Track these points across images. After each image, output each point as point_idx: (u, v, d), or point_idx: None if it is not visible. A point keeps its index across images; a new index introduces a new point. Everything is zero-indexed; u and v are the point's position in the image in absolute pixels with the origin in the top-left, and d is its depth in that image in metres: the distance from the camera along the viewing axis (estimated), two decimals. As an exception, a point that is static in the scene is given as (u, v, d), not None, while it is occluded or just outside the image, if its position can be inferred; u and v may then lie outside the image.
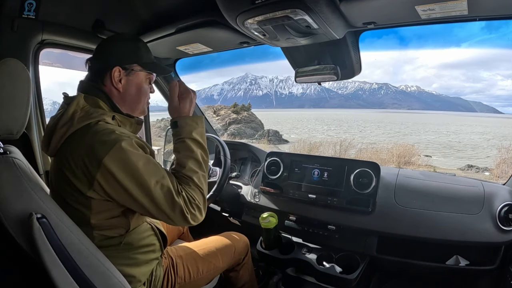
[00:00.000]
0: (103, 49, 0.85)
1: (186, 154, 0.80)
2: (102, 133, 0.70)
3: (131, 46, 0.85)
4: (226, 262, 1.12)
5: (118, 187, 0.69)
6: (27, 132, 1.13)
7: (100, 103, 0.79)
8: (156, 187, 0.70)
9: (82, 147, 0.69)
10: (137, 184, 0.69)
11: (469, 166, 11.04)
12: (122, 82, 0.82)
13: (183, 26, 1.14)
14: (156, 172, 0.72)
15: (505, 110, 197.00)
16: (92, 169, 0.68)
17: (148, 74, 0.87)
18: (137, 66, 0.84)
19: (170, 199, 0.71)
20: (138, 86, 0.85)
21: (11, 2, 1.02)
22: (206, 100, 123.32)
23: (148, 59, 0.87)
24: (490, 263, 1.06)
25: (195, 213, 0.75)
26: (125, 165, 0.68)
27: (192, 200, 0.75)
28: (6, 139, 0.72)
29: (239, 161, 1.71)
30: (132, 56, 0.84)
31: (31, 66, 1.15)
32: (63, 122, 0.73)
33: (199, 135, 0.84)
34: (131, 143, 0.71)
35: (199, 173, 0.80)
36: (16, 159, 0.68)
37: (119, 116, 0.80)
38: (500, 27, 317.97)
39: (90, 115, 0.74)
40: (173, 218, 0.73)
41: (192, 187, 0.77)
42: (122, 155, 0.68)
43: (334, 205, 1.23)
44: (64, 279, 0.62)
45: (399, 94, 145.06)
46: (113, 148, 0.68)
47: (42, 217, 0.61)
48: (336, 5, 0.83)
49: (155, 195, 0.70)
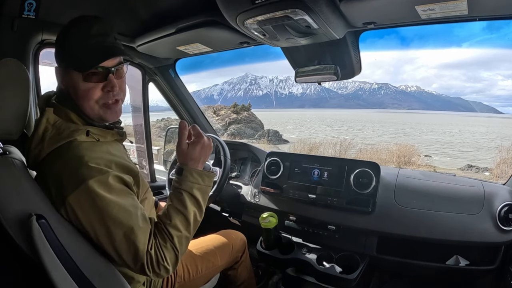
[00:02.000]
0: None
1: (177, 208, 0.70)
2: (71, 165, 0.62)
3: (61, 36, 0.69)
4: (225, 260, 1.12)
5: (82, 226, 0.63)
6: (27, 132, 1.13)
7: (71, 116, 0.69)
8: (122, 238, 0.62)
9: (50, 177, 0.64)
10: (101, 230, 0.62)
11: (469, 166, 11.04)
12: (64, 85, 0.70)
13: (183, 26, 1.14)
14: (125, 222, 0.63)
15: (505, 110, 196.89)
16: (58, 202, 0.63)
17: (81, 73, 0.67)
18: (62, 63, 0.69)
19: (134, 254, 0.63)
20: (74, 89, 0.68)
21: (11, 2, 1.02)
22: (206, 100, 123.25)
23: (78, 49, 0.66)
24: (490, 263, 1.06)
25: (159, 272, 0.65)
26: (91, 209, 0.61)
27: (161, 260, 0.65)
28: (6, 139, 0.72)
29: (239, 161, 1.71)
30: (59, 49, 0.69)
31: (31, 66, 1.15)
32: (35, 143, 0.66)
33: (201, 194, 0.74)
34: (104, 181, 0.62)
35: (182, 234, 0.69)
36: (16, 159, 0.68)
37: (95, 130, 0.69)
38: (501, 27, 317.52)
39: (61, 134, 0.65)
40: (133, 270, 0.66)
41: (168, 246, 0.67)
42: (88, 197, 0.61)
43: (334, 205, 1.23)
44: (64, 280, 0.62)
45: (399, 94, 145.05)
46: (78, 188, 0.60)
47: (42, 218, 0.61)
48: (336, 5, 0.83)
49: (118, 245, 0.63)
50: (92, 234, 0.64)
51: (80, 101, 0.69)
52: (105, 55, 0.68)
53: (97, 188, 0.61)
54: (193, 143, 0.76)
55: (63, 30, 0.69)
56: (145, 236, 0.65)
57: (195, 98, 1.87)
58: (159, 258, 0.65)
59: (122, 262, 0.65)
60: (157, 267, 0.65)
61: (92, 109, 0.70)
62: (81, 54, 0.66)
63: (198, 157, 0.76)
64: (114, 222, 0.62)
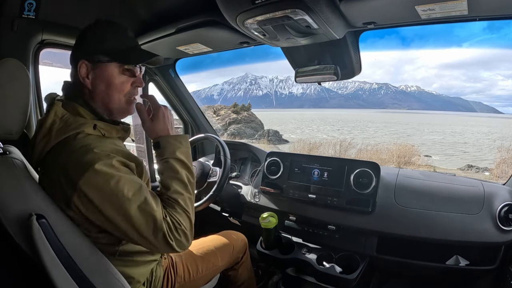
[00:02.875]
0: (75, 42, 0.75)
1: (170, 175, 0.73)
2: (79, 152, 0.64)
3: (95, 31, 0.73)
4: (225, 261, 1.12)
5: (96, 211, 0.63)
6: (27, 132, 1.13)
7: (80, 110, 0.71)
8: (137, 212, 0.64)
9: (59, 167, 0.65)
10: (116, 209, 0.63)
11: (469, 166, 11.04)
12: (90, 78, 0.72)
13: (183, 26, 1.14)
14: (137, 195, 0.65)
15: (505, 110, 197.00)
16: (68, 190, 0.63)
17: (121, 65, 0.73)
18: (103, 56, 0.72)
19: (153, 225, 0.64)
20: (109, 81, 0.72)
21: (11, 2, 1.02)
22: (206, 100, 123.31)
23: (119, 45, 0.74)
24: (490, 263, 1.06)
25: (180, 239, 0.68)
26: (102, 189, 0.62)
27: (178, 225, 0.68)
28: (6, 139, 0.72)
29: (239, 161, 1.71)
30: (95, 44, 0.72)
31: (31, 66, 1.15)
32: (41, 135, 0.68)
33: (184, 155, 0.76)
34: (110, 163, 0.64)
35: (184, 195, 0.72)
36: (16, 159, 0.68)
37: (102, 124, 0.72)
38: (502, 28, 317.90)
39: (68, 126, 0.68)
40: (156, 245, 0.66)
41: (178, 210, 0.70)
42: (99, 178, 0.62)
43: (334, 205, 1.23)
44: (64, 279, 0.62)
45: (399, 94, 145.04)
46: (87, 171, 0.61)
47: (42, 218, 0.61)
48: (336, 5, 0.83)
49: (136, 221, 0.64)
50: (107, 218, 0.64)
51: (111, 92, 0.73)
52: (145, 55, 0.79)
53: (105, 168, 0.63)
54: (154, 116, 0.78)
55: (96, 28, 0.74)
56: (157, 205, 0.67)
57: (195, 98, 1.87)
58: (175, 223, 0.68)
59: (143, 239, 0.65)
60: (176, 232, 0.67)
61: (119, 101, 0.75)
62: (125, 50, 0.74)
63: (165, 125, 0.78)
64: (127, 198, 0.63)
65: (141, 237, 0.65)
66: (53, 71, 1.42)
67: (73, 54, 0.75)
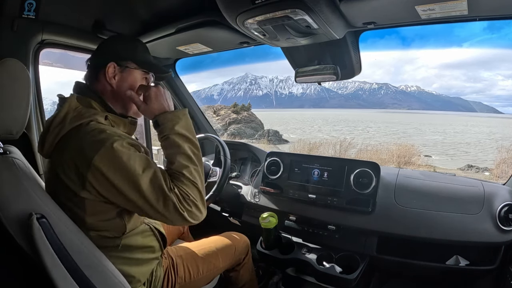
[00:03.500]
0: (101, 47, 0.85)
1: (173, 151, 0.76)
2: (92, 133, 0.69)
3: (128, 44, 0.86)
4: (227, 262, 1.12)
5: (110, 186, 0.67)
6: (27, 132, 1.13)
7: (93, 103, 0.78)
8: (147, 184, 0.68)
9: (73, 148, 0.69)
10: (128, 182, 0.67)
11: (469, 166, 11.04)
12: (116, 79, 0.81)
13: (183, 26, 1.14)
14: (147, 170, 0.69)
15: (505, 110, 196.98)
16: (83, 169, 0.67)
17: (144, 73, 0.86)
18: (132, 64, 0.83)
19: (162, 196, 0.69)
20: (132, 84, 0.83)
21: (11, 2, 1.02)
22: (206, 100, 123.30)
23: (145, 59, 0.86)
24: (490, 263, 1.06)
25: (191, 210, 0.71)
26: (115, 164, 0.67)
27: (186, 195, 0.71)
28: (6, 139, 0.73)
29: (239, 161, 1.71)
30: (128, 53, 0.83)
31: (31, 66, 1.15)
32: (56, 123, 0.73)
33: (184, 129, 0.79)
34: (121, 143, 0.69)
35: (190, 167, 0.75)
36: (16, 159, 0.68)
37: (112, 116, 0.79)
38: (502, 28, 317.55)
39: (82, 115, 0.73)
40: (169, 217, 0.70)
41: (185, 182, 0.73)
42: (112, 154, 0.67)
43: (334, 205, 1.23)
44: (64, 279, 0.62)
45: (399, 94, 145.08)
46: (102, 148, 0.67)
47: (42, 217, 0.61)
48: (336, 5, 0.83)
49: (147, 193, 0.68)
50: (121, 192, 0.68)
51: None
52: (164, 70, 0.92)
53: (118, 146, 0.68)
54: (147, 98, 0.80)
55: (129, 41, 0.89)
56: (165, 177, 0.71)
57: (195, 98, 1.87)
58: (183, 194, 0.71)
59: (156, 212, 0.69)
60: (186, 203, 0.71)
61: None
62: (149, 63, 0.87)
63: (160, 103, 0.80)
64: (138, 172, 0.68)
65: (153, 209, 0.69)
66: (53, 71, 1.42)
67: (97, 57, 0.84)
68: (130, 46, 0.85)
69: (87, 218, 0.71)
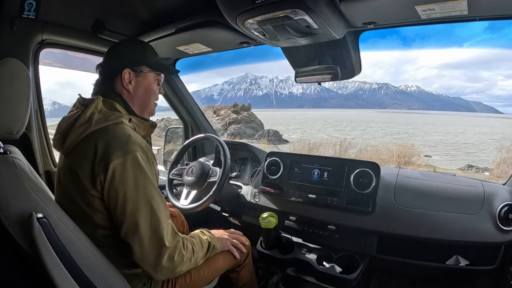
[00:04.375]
0: (113, 54, 0.89)
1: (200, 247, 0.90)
2: (119, 138, 0.74)
3: (139, 49, 0.90)
4: (227, 263, 1.12)
5: (114, 192, 0.71)
6: (27, 132, 1.13)
7: (117, 106, 0.82)
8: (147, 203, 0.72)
9: (98, 147, 0.72)
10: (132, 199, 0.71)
11: (469, 166, 11.04)
12: (132, 84, 0.86)
13: (183, 26, 1.14)
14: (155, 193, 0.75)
15: (505, 110, 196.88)
16: (98, 169, 0.70)
17: (157, 75, 0.91)
18: (146, 68, 0.88)
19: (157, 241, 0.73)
20: (147, 87, 0.89)
21: (11, 2, 1.02)
22: (206, 100, 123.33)
23: (155, 61, 0.91)
24: (490, 263, 1.06)
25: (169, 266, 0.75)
26: (131, 174, 0.71)
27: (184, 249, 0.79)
28: (6, 139, 0.72)
29: (239, 161, 1.70)
30: (140, 58, 0.88)
31: (31, 66, 1.15)
32: (80, 122, 0.76)
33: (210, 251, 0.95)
34: (145, 157, 0.75)
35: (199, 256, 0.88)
36: (16, 159, 0.68)
37: (135, 119, 0.84)
38: (503, 28, 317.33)
39: (108, 117, 0.77)
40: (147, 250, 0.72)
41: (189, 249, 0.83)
42: (132, 165, 0.71)
43: (334, 205, 1.23)
44: (64, 279, 0.62)
45: (399, 94, 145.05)
46: (126, 156, 0.71)
47: (42, 217, 0.61)
48: (336, 5, 0.83)
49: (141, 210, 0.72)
50: (119, 203, 0.71)
51: (149, 96, 0.90)
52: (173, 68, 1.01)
53: (141, 160, 0.73)
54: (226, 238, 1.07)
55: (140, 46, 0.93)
56: (165, 214, 0.76)
57: (195, 98, 1.87)
58: (185, 246, 0.80)
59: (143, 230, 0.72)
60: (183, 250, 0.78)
61: (152, 105, 0.92)
62: (158, 64, 0.92)
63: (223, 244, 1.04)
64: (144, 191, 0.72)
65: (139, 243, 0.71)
66: (53, 71, 1.42)
67: (110, 64, 0.88)
68: (141, 50, 0.90)
69: (95, 216, 0.73)
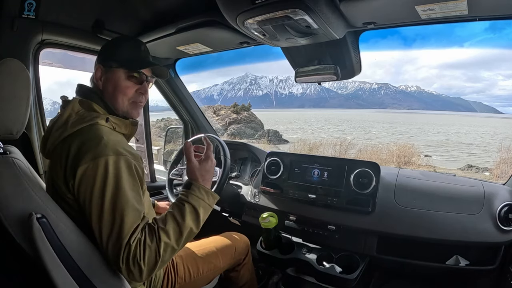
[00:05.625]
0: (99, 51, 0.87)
1: (175, 218, 0.72)
2: (91, 141, 0.69)
3: (113, 44, 0.86)
4: (227, 262, 1.12)
5: (83, 198, 0.67)
6: (27, 132, 1.13)
7: (94, 106, 0.79)
8: (109, 219, 0.65)
9: (70, 151, 0.69)
10: (96, 204, 0.66)
11: (469, 166, 11.04)
12: (102, 80, 0.83)
13: (183, 26, 1.14)
14: (119, 207, 0.66)
15: (505, 110, 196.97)
16: (70, 174, 0.68)
17: (129, 71, 0.83)
18: (114, 63, 0.82)
19: (115, 239, 0.64)
20: (115, 83, 0.82)
21: (11, 2, 1.02)
22: (206, 100, 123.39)
23: (130, 56, 0.84)
24: (490, 263, 1.06)
25: (132, 269, 0.64)
26: (97, 182, 0.66)
27: (139, 257, 0.64)
28: (6, 139, 0.73)
29: (239, 161, 1.70)
30: (111, 53, 0.84)
31: (31, 66, 1.15)
32: (57, 126, 0.74)
33: (204, 211, 0.76)
34: (116, 161, 0.68)
35: (170, 243, 0.68)
36: (16, 159, 0.68)
37: (113, 118, 0.79)
38: (503, 28, 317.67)
39: (83, 119, 0.74)
40: (108, 256, 0.65)
41: (152, 247, 0.66)
42: (99, 171, 0.66)
43: (334, 205, 1.23)
44: (64, 279, 0.62)
45: (399, 94, 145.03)
46: (93, 161, 0.66)
47: (42, 217, 0.61)
48: (336, 5, 0.83)
49: (104, 225, 0.65)
50: (86, 208, 0.67)
51: (117, 94, 0.82)
52: (148, 63, 0.87)
53: (111, 165, 0.68)
54: (203, 162, 0.83)
55: (115, 41, 0.88)
56: (131, 227, 0.66)
57: (195, 98, 1.87)
58: (137, 253, 0.64)
59: (102, 243, 0.66)
60: (132, 262, 0.64)
61: (122, 103, 0.83)
62: (133, 60, 0.84)
63: (207, 174, 0.82)
64: (110, 202, 0.66)
65: (101, 240, 0.66)
66: (53, 71, 1.42)
67: (96, 60, 0.86)
68: (115, 45, 0.86)
69: (84, 218, 0.69)
